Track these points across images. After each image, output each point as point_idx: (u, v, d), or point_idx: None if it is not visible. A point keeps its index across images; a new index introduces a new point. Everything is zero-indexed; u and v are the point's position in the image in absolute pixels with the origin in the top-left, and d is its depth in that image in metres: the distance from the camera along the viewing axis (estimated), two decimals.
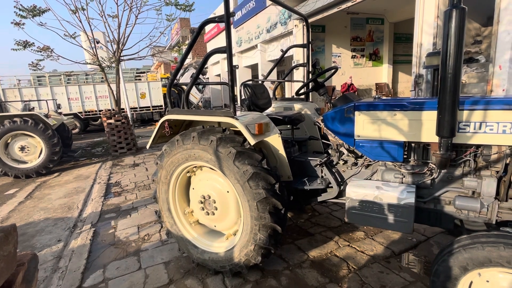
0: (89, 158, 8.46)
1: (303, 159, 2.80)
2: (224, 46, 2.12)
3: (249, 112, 2.64)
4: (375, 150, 2.27)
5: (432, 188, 2.21)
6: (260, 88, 3.16)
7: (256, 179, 2.18)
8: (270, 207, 2.21)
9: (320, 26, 11.26)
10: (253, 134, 2.19)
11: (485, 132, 1.87)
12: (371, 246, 2.95)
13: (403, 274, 2.50)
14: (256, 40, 14.01)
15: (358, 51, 12.07)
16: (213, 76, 22.71)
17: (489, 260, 1.60)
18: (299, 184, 2.62)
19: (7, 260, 0.54)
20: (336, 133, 2.49)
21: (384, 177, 2.35)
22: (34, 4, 6.88)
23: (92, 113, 14.53)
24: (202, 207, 2.63)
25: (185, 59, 2.44)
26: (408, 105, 2.09)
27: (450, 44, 1.66)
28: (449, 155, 1.84)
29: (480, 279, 1.70)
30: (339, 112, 2.40)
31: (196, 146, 2.38)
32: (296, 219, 3.65)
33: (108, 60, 8.39)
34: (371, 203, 2.13)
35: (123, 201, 4.74)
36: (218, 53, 2.19)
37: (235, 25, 16.11)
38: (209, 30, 21.73)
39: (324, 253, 2.88)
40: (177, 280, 2.60)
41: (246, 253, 2.35)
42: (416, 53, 6.35)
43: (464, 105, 1.90)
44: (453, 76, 1.69)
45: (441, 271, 1.77)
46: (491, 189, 1.96)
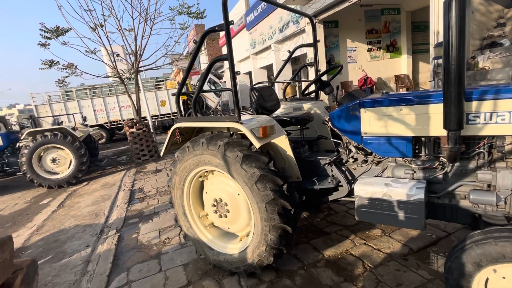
0: (114, 166, 8.87)
1: (313, 159, 2.80)
2: (225, 54, 2.19)
3: (255, 116, 2.69)
4: (383, 147, 2.25)
5: (445, 183, 2.15)
6: (268, 90, 3.20)
7: (263, 181, 2.23)
8: (278, 208, 2.25)
9: (333, 22, 11.09)
10: (258, 137, 2.24)
11: (496, 123, 1.80)
12: (388, 244, 2.89)
13: (421, 271, 2.44)
14: (270, 41, 14.04)
15: (374, 44, 11.76)
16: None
17: (503, 255, 1.54)
18: (309, 184, 2.63)
19: (2, 266, 0.62)
20: (343, 131, 2.48)
21: (394, 173, 2.31)
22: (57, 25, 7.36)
23: (117, 123, 15.19)
24: (215, 210, 2.71)
25: (190, 69, 2.53)
26: (414, 99, 2.06)
27: (452, 34, 1.62)
28: (458, 148, 1.79)
29: (496, 275, 1.64)
30: (344, 110, 2.39)
31: (205, 152, 2.46)
32: (312, 218, 3.65)
33: (127, 71, 8.76)
34: (380, 200, 2.11)
35: (145, 206, 4.95)
36: (221, 60, 2.26)
37: (248, 28, 16.24)
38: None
39: (339, 252, 2.86)
40: (195, 282, 2.69)
41: (258, 254, 2.40)
42: (434, 41, 6.12)
43: (472, 96, 1.84)
44: (456, 67, 1.65)
45: (454, 268, 1.73)
46: (507, 181, 1.88)
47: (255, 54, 16.72)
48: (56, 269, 3.33)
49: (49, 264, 3.46)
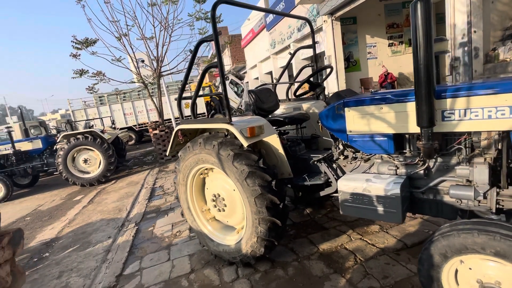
0: (140, 166, 9.46)
1: (306, 156, 2.94)
2: (215, 61, 2.40)
3: (250, 117, 2.88)
4: (367, 144, 2.34)
5: (428, 178, 2.21)
6: (266, 92, 3.37)
7: (252, 177, 2.41)
8: (267, 202, 2.42)
9: (351, 18, 10.93)
10: (246, 137, 2.42)
11: (470, 119, 1.85)
12: (384, 239, 2.95)
13: (410, 266, 2.49)
14: (289, 40, 14.09)
15: (395, 38, 11.40)
16: (252, 80, 23.28)
17: (465, 247, 1.61)
18: (300, 180, 2.77)
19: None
20: (331, 129, 2.60)
21: (379, 169, 2.40)
22: (86, 37, 8.03)
23: (145, 125, 16.05)
24: (214, 204, 2.94)
25: (188, 75, 2.77)
26: (393, 97, 2.14)
27: (419, 35, 1.71)
28: (431, 144, 1.86)
29: (463, 266, 1.70)
30: (331, 109, 2.51)
31: (203, 151, 2.70)
32: (314, 214, 3.76)
33: (150, 77, 9.31)
34: (361, 195, 2.21)
35: (163, 202, 5.32)
36: (212, 68, 2.48)
37: (268, 28, 16.39)
38: (245, 35, 22.37)
39: (334, 246, 2.97)
40: (198, 270, 2.94)
41: (251, 245, 2.58)
42: (450, 34, 5.90)
43: (446, 94, 1.90)
44: (425, 66, 1.73)
45: (424, 259, 1.81)
46: (483, 177, 1.92)
47: (275, 54, 16.82)
48: (81, 256, 3.75)
49: (76, 252, 3.90)
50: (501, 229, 1.52)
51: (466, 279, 1.70)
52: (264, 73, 20.30)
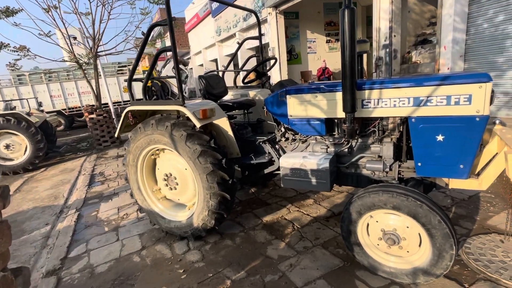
0: (74, 153, 8.77)
1: (253, 139, 3.25)
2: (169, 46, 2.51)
3: (201, 101, 3.06)
4: (305, 127, 2.73)
5: (351, 155, 2.69)
6: (216, 79, 3.56)
7: (204, 155, 2.63)
8: (218, 178, 2.67)
9: (294, 13, 11.54)
10: (199, 119, 2.62)
11: (381, 107, 2.32)
12: (317, 209, 3.46)
13: (336, 229, 3.01)
14: (234, 29, 14.20)
15: (332, 36, 12.42)
16: (196, 66, 22.78)
17: (373, 204, 2.10)
18: (247, 159, 3.08)
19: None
20: (275, 114, 2.94)
21: (314, 148, 2.82)
22: (7, 6, 7.01)
23: (76, 110, 14.65)
24: (166, 183, 3.08)
25: (139, 59, 2.81)
26: (325, 88, 2.54)
27: (346, 38, 2.08)
28: (353, 127, 2.31)
29: (372, 220, 2.21)
30: (275, 96, 2.84)
31: (155, 132, 2.80)
32: (258, 193, 4.14)
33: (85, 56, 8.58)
34: (298, 170, 2.60)
35: (105, 188, 5.16)
36: (165, 51, 2.58)
37: (213, 15, 16.20)
38: (189, 20, 21.66)
39: (275, 218, 3.38)
40: (149, 246, 3.07)
41: (202, 219, 2.82)
42: (375, 37, 6.78)
43: (365, 86, 2.35)
44: (349, 63, 2.12)
45: (345, 217, 2.27)
46: (390, 152, 2.45)
47: (221, 41, 16.77)
48: (15, 245, 3.52)
49: None
50: (397, 189, 2.04)
51: (374, 229, 2.21)
52: (209, 60, 20.06)
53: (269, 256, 2.68)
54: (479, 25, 5.25)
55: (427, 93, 2.12)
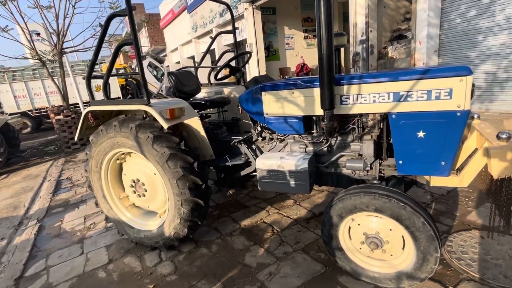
0: (40, 157, 8.18)
1: (228, 139, 3.05)
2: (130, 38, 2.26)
3: (169, 99, 2.82)
4: (281, 126, 2.57)
5: (330, 154, 2.56)
6: (187, 75, 3.33)
7: (174, 159, 2.41)
8: (189, 183, 2.45)
9: (271, 8, 11.38)
10: (166, 119, 2.39)
11: (361, 103, 2.20)
12: (297, 211, 3.32)
13: (317, 231, 2.88)
14: (211, 25, 13.85)
15: (310, 32, 12.39)
16: (173, 64, 22.17)
17: (354, 206, 1.97)
18: (221, 161, 2.88)
19: None
20: (250, 112, 2.76)
21: (292, 148, 2.67)
22: None
23: (44, 110, 13.77)
24: (134, 190, 2.83)
25: (98, 52, 2.53)
26: (302, 83, 2.39)
27: (322, 30, 1.93)
28: (332, 124, 2.16)
29: (354, 223, 2.08)
30: (249, 93, 2.66)
31: (118, 134, 2.54)
32: (236, 195, 3.95)
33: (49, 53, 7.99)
34: (276, 171, 2.44)
35: (72, 195, 4.78)
36: (126, 45, 2.33)
37: (189, 10, 15.75)
38: (165, 15, 20.99)
39: (254, 221, 3.21)
40: (117, 259, 2.81)
41: (174, 227, 2.60)
42: (352, 32, 6.75)
43: (344, 81, 2.22)
44: (327, 56, 1.98)
45: (326, 221, 2.14)
46: (370, 150, 2.34)
47: (197, 38, 16.34)
48: None
49: None
50: (379, 190, 1.92)
51: (356, 233, 2.09)
52: (186, 57, 19.55)
53: (248, 264, 2.51)
54: (452, 20, 5.31)
55: (407, 87, 2.01)
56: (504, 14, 4.60)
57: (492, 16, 4.75)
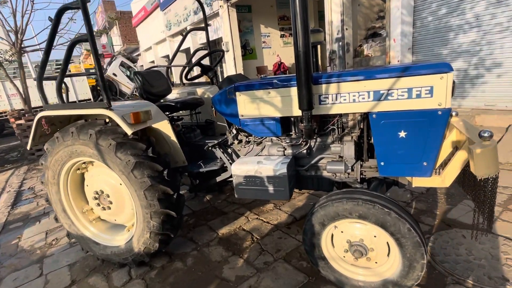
0: (1, 165, 7.54)
1: (201, 143, 2.85)
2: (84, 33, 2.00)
3: (134, 101, 2.58)
4: (258, 128, 2.41)
5: (310, 157, 2.43)
6: (156, 75, 3.09)
7: (140, 168, 2.18)
8: (159, 194, 2.23)
9: (246, 6, 11.21)
10: (130, 124, 2.15)
11: (340, 103, 2.08)
12: (277, 215, 3.18)
13: (298, 236, 2.75)
14: (185, 23, 13.47)
15: (286, 30, 12.34)
16: (147, 63, 21.44)
17: (337, 213, 1.85)
18: (195, 167, 2.68)
19: None
20: (224, 114, 2.57)
21: (270, 151, 2.51)
22: None
23: (5, 114, 12.80)
24: (98, 203, 2.56)
25: (50, 49, 2.25)
26: (279, 83, 2.23)
27: (298, 25, 1.79)
28: (311, 126, 2.03)
29: (337, 231, 1.96)
30: (223, 94, 2.47)
31: (77, 142, 2.28)
32: (213, 200, 3.75)
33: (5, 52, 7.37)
34: (253, 177, 2.28)
35: (34, 207, 4.38)
36: (81, 41, 2.07)
37: (162, 8, 15.24)
38: (137, 13, 20.24)
39: (233, 229, 3.03)
40: (80, 280, 2.53)
41: (143, 242, 2.37)
42: (328, 30, 6.72)
43: (322, 80, 2.09)
44: (304, 54, 1.84)
45: (307, 229, 2.00)
46: (351, 152, 2.23)
47: (172, 36, 15.86)
48: None
49: None
50: (362, 195, 1.81)
51: (339, 241, 1.97)
52: (160, 56, 18.96)
53: (226, 278, 2.33)
54: (424, 18, 5.38)
55: (387, 86, 1.91)
56: (473, 12, 4.71)
57: (462, 14, 4.85)
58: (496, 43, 4.53)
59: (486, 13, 4.56)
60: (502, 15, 4.38)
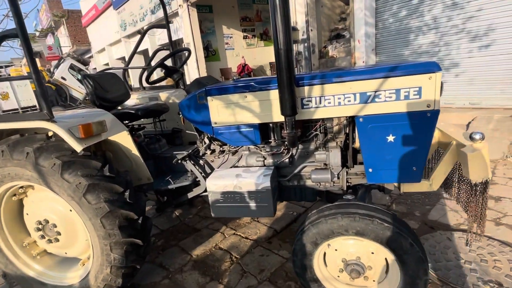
0: None
1: (169, 154, 2.51)
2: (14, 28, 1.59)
3: (82, 110, 2.18)
4: (234, 136, 2.14)
5: (292, 166, 2.22)
6: (111, 78, 2.67)
7: (95, 191, 1.79)
8: (120, 220, 1.86)
9: (207, 6, 10.85)
10: (79, 138, 1.76)
11: (325, 106, 1.89)
12: (256, 229, 2.93)
13: (282, 252, 2.53)
14: (142, 23, 12.70)
15: (249, 31, 12.19)
16: (101, 65, 20.00)
17: (332, 231, 1.65)
18: (163, 183, 2.34)
19: None
20: (194, 122, 2.27)
21: (248, 161, 2.26)
22: None
23: None
24: (42, 234, 2.10)
25: None
26: (256, 85, 1.99)
27: (278, 19, 1.56)
28: (295, 133, 1.82)
29: (330, 249, 1.76)
30: (192, 99, 2.17)
31: (9, 163, 1.83)
32: (184, 216, 3.40)
33: None
34: (232, 193, 2.01)
35: None
36: (9, 38, 1.65)
37: (115, 6, 14.27)
38: (87, 12, 18.78)
39: (208, 248, 2.72)
40: None
41: (103, 279, 1.97)
42: None
43: (304, 81, 1.88)
44: (285, 52, 1.61)
45: (298, 250, 1.78)
46: (337, 159, 2.05)
47: (127, 37, 14.90)
48: None
49: None
50: (358, 209, 1.63)
51: (333, 259, 1.77)
52: (115, 58, 17.77)
53: None
54: (386, 20, 5.51)
55: (374, 87, 1.77)
56: (432, 15, 4.89)
57: (421, 16, 5.02)
58: (453, 44, 4.74)
59: (443, 16, 4.76)
60: (458, 17, 4.59)
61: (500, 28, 4.16)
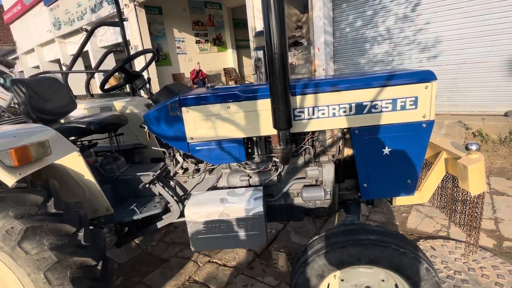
0: None
1: (130, 176, 2.09)
2: None
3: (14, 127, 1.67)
4: (214, 153, 1.83)
5: (280, 184, 1.98)
6: (51, 84, 2.15)
7: (35, 237, 1.33)
8: (72, 271, 1.42)
9: (156, 8, 10.20)
10: (11, 167, 1.30)
11: (318, 117, 1.71)
12: (233, 253, 2.62)
13: (267, 278, 2.27)
14: (80, 22, 11.46)
15: (201, 36, 11.79)
16: (30, 68, 17.61)
17: (341, 262, 1.45)
18: (126, 215, 1.91)
19: None
20: (164, 137, 1.90)
21: (229, 181, 1.96)
22: None
23: None
24: None
25: None
26: (240, 94, 1.72)
27: (271, 19, 1.33)
28: (289, 148, 1.59)
29: (336, 280, 1.56)
30: (162, 109, 1.81)
31: None
32: (146, 244, 2.94)
33: None
34: (218, 222, 1.69)
35: None
36: None
37: (47, 2, 12.69)
38: (10, 7, 16.43)
39: (181, 283, 2.33)
40: None
41: None
42: (252, 37, 6.50)
43: (296, 90, 1.67)
44: (280, 56, 1.39)
45: (300, 284, 1.53)
46: (331, 175, 1.87)
47: (62, 37, 13.35)
48: None
49: None
50: (370, 235, 1.45)
51: None
52: (48, 60, 15.80)
53: None
54: (343, 29, 5.67)
55: (371, 97, 1.64)
56: (385, 26, 5.15)
57: (376, 27, 5.26)
58: (405, 54, 5.04)
59: (396, 27, 5.03)
60: (409, 29, 4.89)
61: (446, 41, 4.51)
